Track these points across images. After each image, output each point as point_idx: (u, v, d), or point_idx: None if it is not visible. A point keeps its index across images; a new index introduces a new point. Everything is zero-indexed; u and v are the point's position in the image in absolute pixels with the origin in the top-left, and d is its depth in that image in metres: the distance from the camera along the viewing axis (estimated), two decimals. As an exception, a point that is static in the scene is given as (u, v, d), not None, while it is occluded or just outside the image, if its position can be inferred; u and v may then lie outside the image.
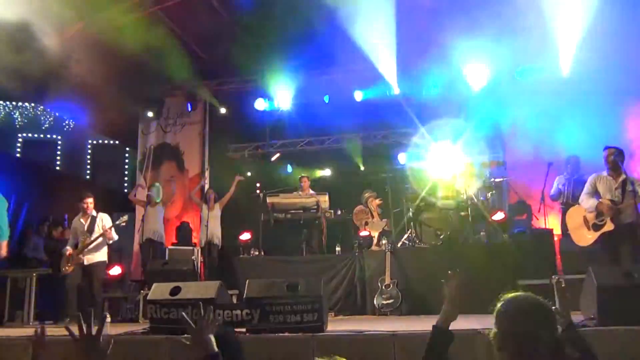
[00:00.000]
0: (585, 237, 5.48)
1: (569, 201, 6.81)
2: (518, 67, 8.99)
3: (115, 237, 7.06)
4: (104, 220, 7.04)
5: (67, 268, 6.80)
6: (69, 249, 6.90)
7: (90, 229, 6.89)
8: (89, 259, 6.79)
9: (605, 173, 5.48)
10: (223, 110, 10.81)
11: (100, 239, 6.87)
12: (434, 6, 7.82)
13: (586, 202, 5.41)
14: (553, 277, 6.06)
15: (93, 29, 8.62)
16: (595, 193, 5.42)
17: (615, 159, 5.38)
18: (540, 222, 7.53)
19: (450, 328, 2.29)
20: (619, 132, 7.83)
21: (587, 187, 5.51)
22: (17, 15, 7.39)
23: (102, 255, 6.94)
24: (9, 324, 7.36)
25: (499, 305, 1.93)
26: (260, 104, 10.64)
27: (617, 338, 3.56)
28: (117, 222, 7.05)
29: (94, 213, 7.04)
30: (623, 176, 5.37)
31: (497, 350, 1.87)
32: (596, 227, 5.36)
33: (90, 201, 7.06)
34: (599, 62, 7.94)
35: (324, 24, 7.96)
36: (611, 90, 8.03)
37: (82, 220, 7.06)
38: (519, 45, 7.94)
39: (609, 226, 5.25)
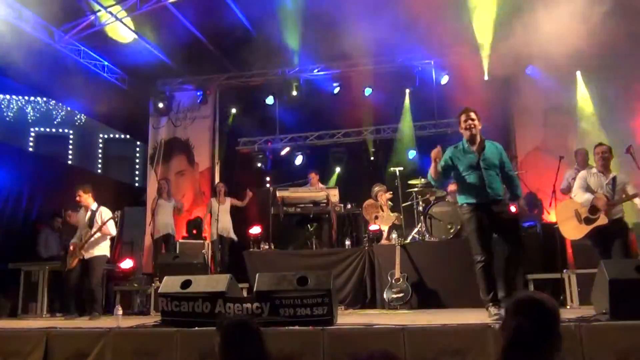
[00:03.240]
0: (575, 230, 5.55)
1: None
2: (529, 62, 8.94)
3: (112, 232, 6.80)
4: (102, 215, 6.74)
5: (70, 263, 6.69)
6: (72, 244, 6.78)
7: (90, 223, 6.69)
8: (89, 253, 6.64)
9: (594, 169, 5.61)
10: (233, 107, 10.85)
11: (99, 233, 6.64)
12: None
13: (581, 196, 5.48)
14: (564, 271, 6.05)
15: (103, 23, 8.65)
16: (587, 187, 5.52)
17: (609, 157, 5.53)
18: (551, 217, 7.48)
19: (460, 322, 2.30)
20: (629, 124, 7.77)
21: (579, 182, 5.60)
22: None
23: (101, 250, 6.71)
24: (23, 316, 7.48)
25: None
26: (270, 98, 10.66)
27: (629, 332, 3.53)
28: (111, 217, 6.76)
29: (94, 207, 6.80)
30: (613, 173, 5.50)
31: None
32: (589, 221, 5.42)
33: (80, 194, 6.79)
34: (608, 52, 7.88)
35: (333, 17, 7.94)
36: (621, 82, 7.96)
37: (83, 212, 6.89)
38: (529, 37, 7.88)
39: (602, 220, 5.32)
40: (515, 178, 4.92)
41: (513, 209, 7.31)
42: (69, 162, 14.69)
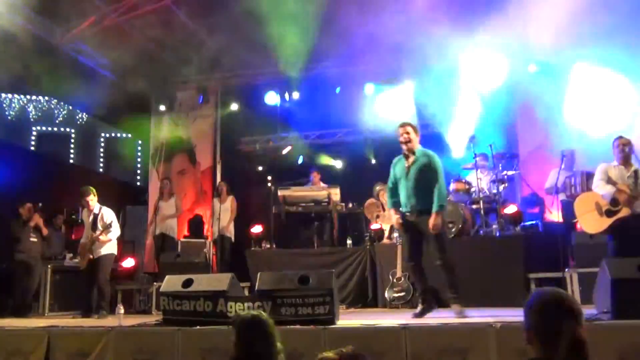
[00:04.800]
0: (596, 223, 5.38)
1: (577, 193, 6.74)
2: (532, 60, 8.90)
3: (113, 235, 6.84)
4: (104, 217, 6.84)
5: (81, 263, 6.80)
6: (80, 245, 6.87)
7: (94, 226, 6.77)
8: (97, 252, 6.71)
9: (615, 163, 5.45)
10: (235, 106, 10.84)
11: (104, 234, 6.74)
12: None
13: (602, 187, 5.33)
14: (566, 270, 6.04)
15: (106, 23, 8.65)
16: (608, 180, 5.37)
17: (630, 149, 5.39)
18: (552, 215, 7.47)
19: (462, 321, 2.29)
20: (630, 123, 7.75)
21: (600, 174, 5.45)
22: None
23: (108, 249, 6.79)
24: (25, 315, 7.49)
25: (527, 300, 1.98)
26: (271, 97, 10.65)
27: (631, 331, 3.53)
28: (110, 222, 6.79)
29: (96, 209, 6.87)
30: (634, 166, 5.37)
31: (526, 343, 1.91)
32: (610, 213, 5.26)
33: (90, 199, 6.84)
34: (609, 50, 7.87)
35: (335, 16, 7.93)
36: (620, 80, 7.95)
37: (86, 213, 6.97)
38: (532, 35, 7.87)
39: (624, 212, 5.16)
40: (438, 190, 4.92)
41: (514, 208, 7.34)
42: (71, 161, 14.70)
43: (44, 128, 14.88)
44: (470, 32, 8.20)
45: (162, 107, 10.87)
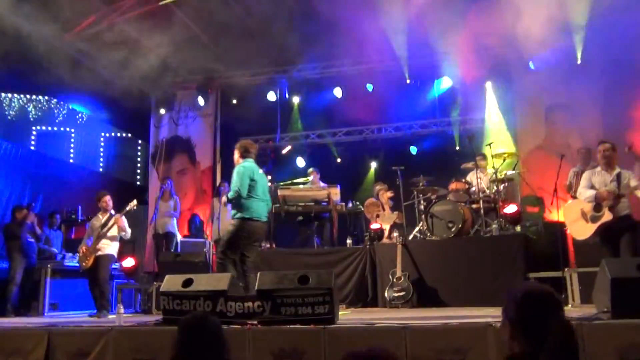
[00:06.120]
0: (583, 230, 5.53)
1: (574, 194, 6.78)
2: (531, 56, 8.89)
3: (128, 230, 6.95)
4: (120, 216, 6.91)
5: (86, 263, 6.73)
6: (83, 247, 6.81)
7: (106, 224, 6.82)
8: (101, 250, 6.74)
9: (598, 168, 5.61)
10: (235, 106, 10.84)
11: (115, 232, 6.80)
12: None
13: (584, 193, 5.50)
14: (566, 269, 6.04)
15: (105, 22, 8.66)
16: (591, 187, 5.52)
17: (611, 155, 5.50)
18: (552, 215, 7.47)
19: (461, 321, 2.29)
20: (628, 123, 7.76)
21: (583, 182, 5.63)
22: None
23: (112, 249, 6.83)
24: (25, 314, 7.49)
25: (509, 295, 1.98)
26: (271, 97, 10.65)
27: (631, 331, 3.53)
28: (128, 209, 6.93)
29: (112, 212, 6.95)
30: (617, 169, 5.48)
31: (509, 339, 1.91)
32: (594, 219, 5.40)
33: (108, 199, 6.97)
34: (608, 50, 7.87)
35: (335, 15, 7.93)
36: (619, 79, 7.94)
37: (100, 216, 6.97)
38: (531, 34, 7.86)
39: (607, 216, 5.31)
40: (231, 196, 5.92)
41: (514, 208, 7.33)
42: (71, 160, 14.70)
43: (44, 127, 14.87)
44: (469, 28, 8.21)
45: (162, 107, 10.87)
